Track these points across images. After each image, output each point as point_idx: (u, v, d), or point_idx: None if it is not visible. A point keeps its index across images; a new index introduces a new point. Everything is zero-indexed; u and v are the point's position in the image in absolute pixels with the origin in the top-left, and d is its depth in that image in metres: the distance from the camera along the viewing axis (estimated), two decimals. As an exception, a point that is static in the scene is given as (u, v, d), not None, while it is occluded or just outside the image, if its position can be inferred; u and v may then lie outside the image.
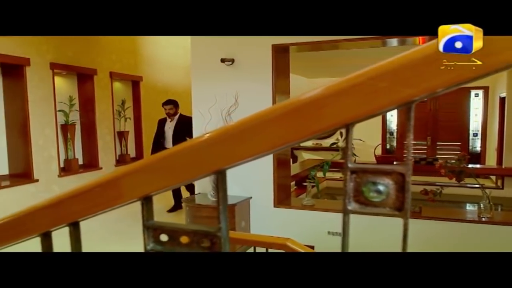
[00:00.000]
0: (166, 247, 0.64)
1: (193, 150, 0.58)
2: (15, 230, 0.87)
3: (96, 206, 0.71)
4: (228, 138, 0.55)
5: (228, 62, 4.47)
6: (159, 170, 0.62)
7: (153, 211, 0.65)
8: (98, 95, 6.45)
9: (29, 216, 0.83)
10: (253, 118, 0.54)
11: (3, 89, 5.34)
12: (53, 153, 5.72)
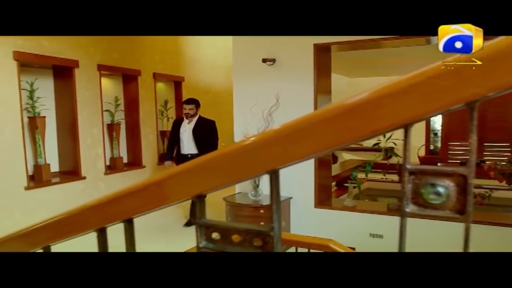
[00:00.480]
0: (218, 245, 0.65)
1: (247, 150, 0.59)
2: (73, 225, 0.91)
3: (150, 204, 0.73)
4: (283, 138, 0.55)
5: (269, 62, 4.48)
6: (212, 169, 0.63)
7: (205, 210, 0.66)
8: (142, 96, 6.62)
9: (86, 212, 0.86)
10: (309, 117, 0.54)
11: (54, 90, 5.60)
12: (99, 151, 5.93)
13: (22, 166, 4.82)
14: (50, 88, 5.54)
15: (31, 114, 5.09)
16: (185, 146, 5.30)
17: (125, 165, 6.62)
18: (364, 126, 0.51)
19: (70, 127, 5.55)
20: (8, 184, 4.60)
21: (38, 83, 5.11)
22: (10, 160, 4.67)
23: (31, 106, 5.04)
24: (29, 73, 5.06)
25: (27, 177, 4.90)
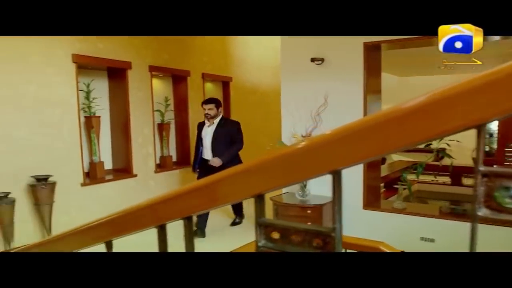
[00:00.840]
0: (277, 245, 0.65)
1: (309, 150, 0.58)
2: (135, 221, 0.94)
3: (210, 202, 0.74)
4: (348, 138, 0.54)
5: (318, 61, 4.44)
6: (273, 169, 0.63)
7: (265, 209, 0.66)
8: (191, 96, 6.76)
9: (148, 209, 0.89)
10: (376, 117, 0.53)
11: (108, 90, 5.83)
12: (150, 150, 6.11)
13: (79, 164, 5.06)
14: (105, 88, 5.78)
15: (87, 114, 5.33)
16: (206, 150, 4.89)
17: (174, 164, 6.78)
18: (434, 126, 0.49)
19: (123, 126, 5.76)
20: (66, 180, 4.83)
21: (94, 84, 5.35)
22: (68, 157, 4.91)
23: (87, 106, 5.28)
24: (86, 74, 5.31)
25: (83, 174, 5.13)
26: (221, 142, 4.79)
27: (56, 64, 4.68)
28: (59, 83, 4.70)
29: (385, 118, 0.52)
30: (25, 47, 4.38)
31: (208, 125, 4.89)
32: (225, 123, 4.93)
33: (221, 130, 4.84)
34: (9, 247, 4.26)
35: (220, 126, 4.87)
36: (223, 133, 4.81)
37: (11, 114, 4.31)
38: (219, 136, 4.80)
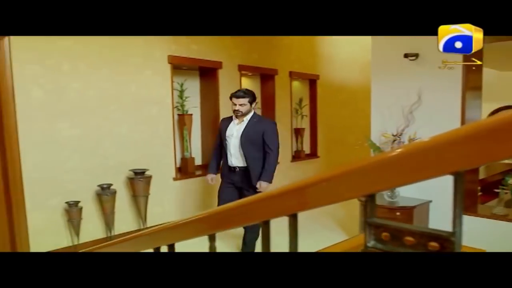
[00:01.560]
0: (388, 246, 0.62)
1: (430, 149, 0.55)
2: (239, 216, 0.95)
3: (319, 200, 0.73)
4: (478, 137, 0.49)
5: (411, 57, 4.22)
6: (389, 168, 0.60)
7: (375, 209, 0.63)
8: (278, 94, 6.80)
9: (253, 205, 0.90)
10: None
11: (200, 90, 6.08)
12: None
13: (172, 159, 5.34)
14: (197, 88, 6.03)
15: (180, 112, 5.61)
16: (232, 155, 3.95)
17: (261, 161, 6.85)
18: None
19: (213, 124, 5.96)
20: (160, 175, 5.12)
21: (187, 84, 5.62)
22: (162, 153, 5.20)
23: (180, 105, 5.55)
24: (180, 74, 5.58)
25: (175, 169, 5.40)
26: (250, 146, 3.88)
27: (154, 66, 4.99)
28: (156, 83, 5.00)
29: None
30: (127, 50, 4.72)
31: (237, 122, 3.96)
32: (258, 122, 3.94)
33: (252, 130, 3.89)
34: (109, 233, 4.63)
35: (252, 126, 3.91)
36: (254, 135, 3.88)
37: (115, 113, 4.68)
38: (248, 138, 3.88)
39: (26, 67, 3.97)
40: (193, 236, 1.25)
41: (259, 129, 3.89)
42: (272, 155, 3.88)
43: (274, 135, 3.93)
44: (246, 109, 3.88)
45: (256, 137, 3.88)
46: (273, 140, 3.90)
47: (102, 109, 4.55)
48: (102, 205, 4.53)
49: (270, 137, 3.89)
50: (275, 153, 3.91)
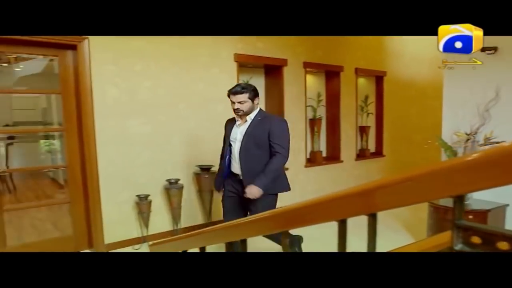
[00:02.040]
0: (477, 250, 0.58)
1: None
2: (315, 214, 0.94)
3: (403, 200, 0.69)
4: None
5: (489, 51, 3.94)
6: (486, 168, 0.54)
7: (464, 211, 0.59)
8: (343, 91, 6.67)
9: (330, 203, 0.88)
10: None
11: (265, 87, 6.10)
12: (301, 145, 6.22)
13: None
14: (261, 85, 6.06)
15: (245, 110, 5.66)
16: (236, 161, 3.40)
17: (324, 159, 6.79)
18: None
19: (277, 121, 5.97)
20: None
21: (252, 82, 5.64)
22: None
23: (245, 103, 5.60)
24: (245, 72, 5.62)
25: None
26: (254, 148, 3.26)
27: (221, 64, 5.07)
28: (223, 81, 5.07)
29: None
30: (195, 49, 4.83)
31: (239, 124, 3.38)
32: (262, 121, 3.30)
33: (255, 131, 3.28)
34: (176, 227, 4.80)
35: (255, 125, 3.30)
36: (258, 135, 3.26)
37: (183, 110, 4.82)
38: (251, 139, 3.27)
39: (103, 67, 4.19)
40: (266, 232, 1.26)
41: (264, 127, 3.24)
42: (279, 157, 3.23)
43: (282, 135, 3.28)
44: (247, 107, 3.27)
45: (261, 138, 3.24)
46: (282, 140, 3.25)
47: (171, 107, 4.71)
48: (169, 199, 4.70)
49: (278, 137, 3.24)
50: (283, 155, 3.25)
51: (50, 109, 8.72)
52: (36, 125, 9.92)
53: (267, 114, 3.46)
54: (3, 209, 4.06)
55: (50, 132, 9.29)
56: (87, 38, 4.00)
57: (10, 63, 8.09)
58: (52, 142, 9.01)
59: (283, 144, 3.25)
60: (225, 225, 1.64)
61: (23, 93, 9.74)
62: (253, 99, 3.30)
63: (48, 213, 5.68)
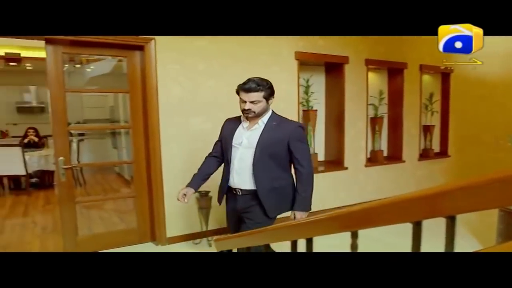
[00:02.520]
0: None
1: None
2: (389, 214, 0.91)
3: (483, 203, 0.66)
4: None
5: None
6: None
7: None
8: (406, 89, 6.44)
9: (405, 203, 0.85)
10: None
11: (325, 85, 6.03)
12: (362, 144, 6.08)
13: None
14: (322, 83, 5.99)
15: (305, 108, 5.63)
16: (235, 171, 2.79)
17: (385, 159, 6.61)
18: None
19: (337, 119, 5.89)
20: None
21: (312, 80, 5.61)
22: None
23: (305, 101, 5.57)
24: (306, 70, 5.58)
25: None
26: (269, 160, 2.71)
27: (281, 62, 5.06)
28: (283, 79, 5.07)
29: None
30: (256, 48, 4.86)
31: (247, 127, 2.80)
32: (279, 126, 2.75)
33: (271, 139, 2.71)
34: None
35: (271, 131, 2.72)
36: (275, 145, 2.71)
37: (244, 108, 4.87)
38: (265, 150, 2.69)
39: (168, 66, 4.33)
40: (333, 232, 1.24)
41: (282, 135, 2.71)
42: (306, 173, 2.74)
43: (304, 144, 2.79)
44: (260, 108, 2.69)
45: (278, 148, 2.71)
46: (305, 152, 2.76)
47: (232, 105, 4.73)
48: (229, 196, 4.77)
49: (300, 147, 2.72)
50: (309, 169, 2.76)
51: (117, 107, 9.17)
52: (104, 123, 10.46)
53: (283, 118, 2.82)
54: (75, 201, 4.31)
55: (116, 129, 9.77)
56: (153, 39, 4.15)
57: (82, 64, 8.60)
58: (118, 139, 9.46)
59: (307, 155, 2.77)
60: (291, 224, 1.64)
61: (94, 92, 10.31)
62: (268, 98, 2.73)
63: (114, 206, 5.99)
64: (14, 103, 11.82)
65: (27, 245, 4.68)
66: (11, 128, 11.54)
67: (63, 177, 4.11)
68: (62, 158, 4.06)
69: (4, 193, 7.74)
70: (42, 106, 12.01)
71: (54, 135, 4.09)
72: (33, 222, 5.70)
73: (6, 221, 5.82)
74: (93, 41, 3.94)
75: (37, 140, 8.65)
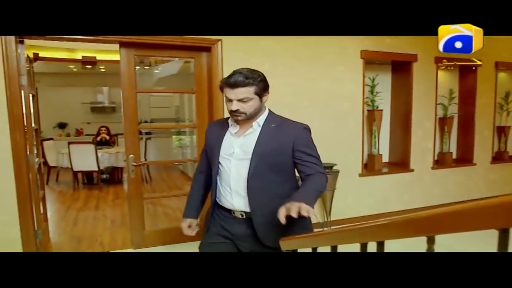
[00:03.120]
0: None
1: None
2: (474, 219, 0.87)
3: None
4: None
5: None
6: None
7: None
8: (479, 88, 6.10)
9: (491, 209, 0.81)
10: None
11: (391, 84, 5.86)
12: (429, 145, 5.84)
13: (359, 155, 5.28)
14: (387, 82, 5.83)
15: (370, 108, 5.51)
16: (232, 190, 2.14)
17: (454, 161, 6.31)
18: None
19: (403, 120, 5.70)
20: (347, 170, 5.13)
21: (378, 79, 5.47)
22: (350, 149, 5.19)
23: (370, 100, 5.45)
24: (371, 69, 5.45)
25: (361, 165, 5.33)
26: (266, 173, 2.07)
27: (346, 61, 4.98)
28: (348, 79, 4.99)
29: None
30: (321, 47, 4.82)
31: (237, 132, 2.18)
32: (279, 129, 2.13)
33: (271, 145, 2.09)
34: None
35: (270, 135, 2.11)
36: (276, 154, 2.08)
37: (308, 108, 4.84)
38: (263, 160, 2.07)
39: (234, 67, 4.38)
40: (408, 236, 1.21)
41: (284, 140, 2.10)
42: (323, 177, 2.09)
43: (314, 151, 2.15)
44: (253, 108, 2.08)
45: (280, 157, 2.09)
46: (316, 161, 2.12)
47: (296, 104, 4.76)
48: (292, 196, 4.77)
49: (313, 153, 2.13)
50: (325, 176, 2.10)
51: (182, 107, 9.49)
52: (170, 122, 10.86)
53: (283, 119, 2.22)
54: (142, 197, 4.51)
55: (181, 128, 10.10)
56: (220, 40, 4.25)
57: (150, 66, 8.99)
58: (183, 138, 9.78)
59: (318, 161, 2.13)
60: (362, 226, 1.60)
61: (163, 92, 10.73)
62: (262, 94, 2.12)
63: (178, 203, 6.19)
64: (89, 103, 12.60)
65: (98, 237, 4.97)
66: (85, 127, 12.31)
67: (133, 174, 4.31)
68: (132, 155, 4.27)
69: (78, 188, 8.26)
70: (113, 106, 12.70)
71: (126, 134, 4.30)
72: (103, 216, 6.05)
73: (80, 213, 6.22)
74: (163, 43, 4.10)
75: (108, 138, 9.16)
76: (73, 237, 4.96)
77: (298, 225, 1.97)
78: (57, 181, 8.89)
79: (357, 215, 5.28)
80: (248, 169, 2.06)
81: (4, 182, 3.71)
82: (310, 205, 1.77)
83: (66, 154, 7.95)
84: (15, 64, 3.60)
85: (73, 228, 5.39)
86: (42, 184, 4.58)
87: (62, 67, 10.01)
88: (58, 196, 7.54)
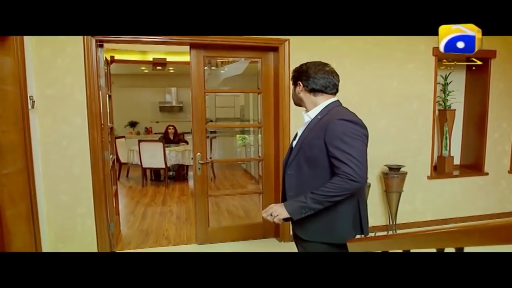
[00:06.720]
0: None
1: None
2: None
3: None
4: None
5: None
6: None
7: None
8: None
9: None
10: None
11: (465, 83, 5.57)
12: (507, 148, 5.48)
13: (428, 157, 5.07)
14: (461, 81, 5.55)
15: (441, 107, 5.28)
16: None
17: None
18: None
19: (478, 120, 5.40)
20: (414, 172, 4.95)
21: (451, 77, 5.23)
22: (419, 150, 5.01)
23: (442, 100, 5.22)
24: (443, 67, 5.22)
25: (431, 167, 5.12)
26: (303, 167, 2.06)
27: (417, 59, 4.80)
28: (418, 77, 4.82)
29: None
30: (390, 45, 4.69)
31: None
32: (320, 120, 2.06)
33: (308, 138, 2.05)
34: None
35: (311, 127, 2.07)
36: (310, 146, 2.02)
37: (375, 108, 4.74)
38: (301, 153, 2.07)
39: (301, 66, 4.40)
40: (494, 243, 1.15)
41: (317, 134, 1.98)
42: (343, 180, 1.85)
43: (347, 143, 1.88)
44: (296, 98, 2.21)
45: (313, 150, 1.98)
46: (346, 152, 1.86)
47: (364, 104, 4.67)
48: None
49: (339, 147, 1.87)
50: (349, 177, 1.85)
51: (247, 106, 9.62)
52: (234, 121, 11.05)
53: (333, 110, 2.08)
54: (207, 194, 4.63)
55: (245, 128, 10.26)
56: (288, 40, 4.27)
57: (217, 67, 9.21)
58: (246, 137, 9.93)
59: (350, 158, 1.86)
60: (439, 231, 1.54)
61: (230, 92, 10.97)
62: (296, 83, 2.18)
63: (240, 201, 6.29)
64: (158, 103, 13.15)
65: (164, 231, 5.19)
66: (154, 126, 12.86)
67: (199, 172, 4.45)
68: (199, 153, 4.41)
69: (147, 184, 8.66)
70: (180, 106, 13.17)
71: (194, 132, 4.45)
72: (170, 211, 6.30)
73: (148, 208, 6.52)
74: (231, 44, 4.20)
75: (182, 136, 9.53)
76: (141, 231, 5.22)
77: (324, 222, 2.01)
78: (127, 177, 9.37)
79: (424, 219, 5.09)
80: (286, 160, 2.17)
81: (83, 177, 3.99)
82: (292, 211, 1.92)
83: (136, 151, 8.36)
84: (95, 67, 3.87)
85: (142, 222, 5.66)
86: (114, 179, 4.85)
87: (134, 69, 10.53)
88: (128, 191, 7.95)
